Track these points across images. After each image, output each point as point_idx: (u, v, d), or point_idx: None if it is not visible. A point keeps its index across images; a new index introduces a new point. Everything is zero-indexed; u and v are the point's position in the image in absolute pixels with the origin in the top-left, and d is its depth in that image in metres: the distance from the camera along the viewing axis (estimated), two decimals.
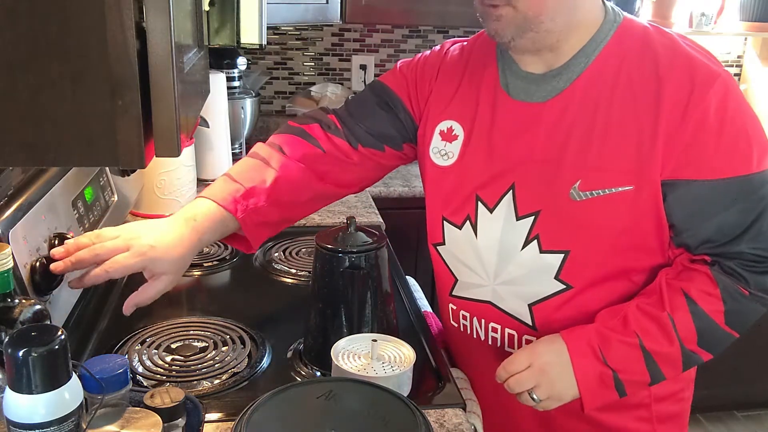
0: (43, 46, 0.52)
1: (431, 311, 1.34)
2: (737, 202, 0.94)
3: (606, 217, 0.97)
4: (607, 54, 0.99)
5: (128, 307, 1.00)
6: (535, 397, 0.99)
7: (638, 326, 0.97)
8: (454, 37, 2.51)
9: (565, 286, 1.02)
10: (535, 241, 1.01)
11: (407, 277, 1.47)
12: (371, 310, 1.03)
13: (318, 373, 1.03)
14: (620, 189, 0.95)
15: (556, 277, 1.02)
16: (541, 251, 1.01)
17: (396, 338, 1.00)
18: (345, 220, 1.06)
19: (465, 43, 1.17)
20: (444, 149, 1.11)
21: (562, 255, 1.00)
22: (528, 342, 1.07)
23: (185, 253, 1.02)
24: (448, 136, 1.10)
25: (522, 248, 1.02)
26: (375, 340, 0.95)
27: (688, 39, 1.00)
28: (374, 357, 0.94)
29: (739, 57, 2.79)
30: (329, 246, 1.01)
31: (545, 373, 0.98)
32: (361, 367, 0.93)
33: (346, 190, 1.21)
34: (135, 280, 1.36)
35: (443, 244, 1.13)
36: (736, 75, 2.81)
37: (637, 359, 0.97)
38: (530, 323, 1.06)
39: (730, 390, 2.48)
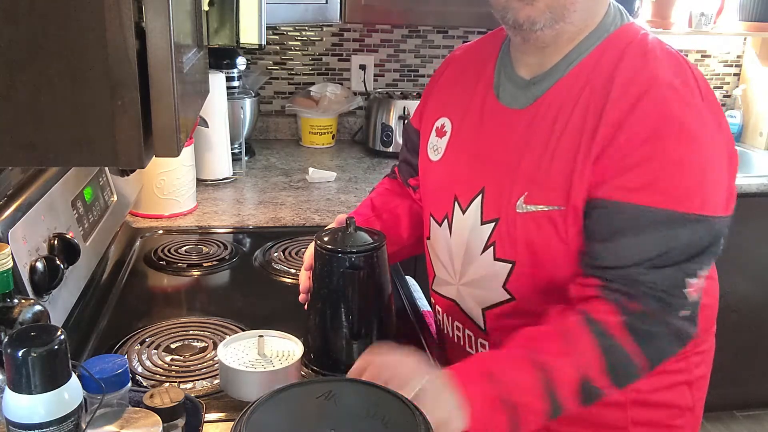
0: (42, 46, 0.52)
1: (431, 311, 1.34)
2: (657, 232, 0.87)
3: (543, 233, 0.95)
4: (585, 64, 0.95)
5: None
6: None
7: (526, 338, 0.90)
8: (454, 37, 2.54)
9: (509, 296, 1.02)
10: (492, 247, 1.01)
11: (407, 277, 1.47)
12: (371, 310, 1.03)
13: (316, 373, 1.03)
14: (555, 208, 0.93)
15: (503, 286, 1.02)
16: (495, 258, 1.01)
17: (283, 332, 0.96)
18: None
19: (473, 43, 1.18)
20: (436, 145, 1.13)
21: (510, 265, 1.00)
22: (482, 346, 1.08)
23: None
24: (441, 132, 1.12)
25: (482, 253, 1.03)
26: (261, 336, 0.94)
27: (678, 60, 0.94)
28: (262, 353, 0.93)
29: (738, 57, 2.79)
30: (329, 246, 1.01)
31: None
32: (249, 363, 0.91)
33: None
34: (135, 279, 1.37)
35: (429, 239, 1.15)
36: (735, 75, 2.81)
37: (528, 373, 0.86)
38: (483, 327, 1.07)
39: (730, 390, 2.48)
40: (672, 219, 0.87)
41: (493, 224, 1.01)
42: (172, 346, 1.09)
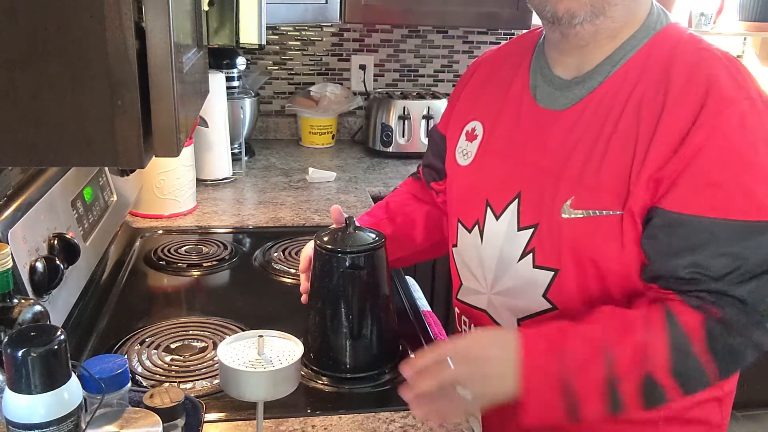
0: (42, 46, 0.52)
1: (431, 311, 1.34)
2: (738, 244, 0.84)
3: (592, 239, 0.92)
4: (633, 64, 0.93)
5: None
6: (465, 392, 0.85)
7: (608, 318, 0.87)
8: (454, 37, 2.54)
9: (550, 306, 0.98)
10: (531, 254, 0.98)
11: (407, 277, 1.47)
12: (371, 310, 1.03)
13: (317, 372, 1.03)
14: (609, 212, 0.90)
15: (543, 295, 0.98)
16: (534, 266, 0.98)
17: (283, 332, 0.95)
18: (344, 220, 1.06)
19: (501, 47, 1.17)
20: (466, 149, 1.09)
21: (552, 273, 0.96)
22: None
23: None
24: (471, 136, 1.09)
25: (518, 260, 0.99)
26: (261, 336, 0.94)
27: (730, 59, 0.90)
28: (261, 353, 0.92)
29: (738, 57, 2.79)
30: (329, 246, 1.01)
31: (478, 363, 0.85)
32: (249, 363, 0.91)
33: None
34: (135, 279, 1.37)
35: (456, 246, 1.12)
36: None
37: (595, 363, 0.83)
38: None
39: None
40: (753, 228, 0.84)
41: (531, 230, 0.97)
42: (172, 346, 1.09)
